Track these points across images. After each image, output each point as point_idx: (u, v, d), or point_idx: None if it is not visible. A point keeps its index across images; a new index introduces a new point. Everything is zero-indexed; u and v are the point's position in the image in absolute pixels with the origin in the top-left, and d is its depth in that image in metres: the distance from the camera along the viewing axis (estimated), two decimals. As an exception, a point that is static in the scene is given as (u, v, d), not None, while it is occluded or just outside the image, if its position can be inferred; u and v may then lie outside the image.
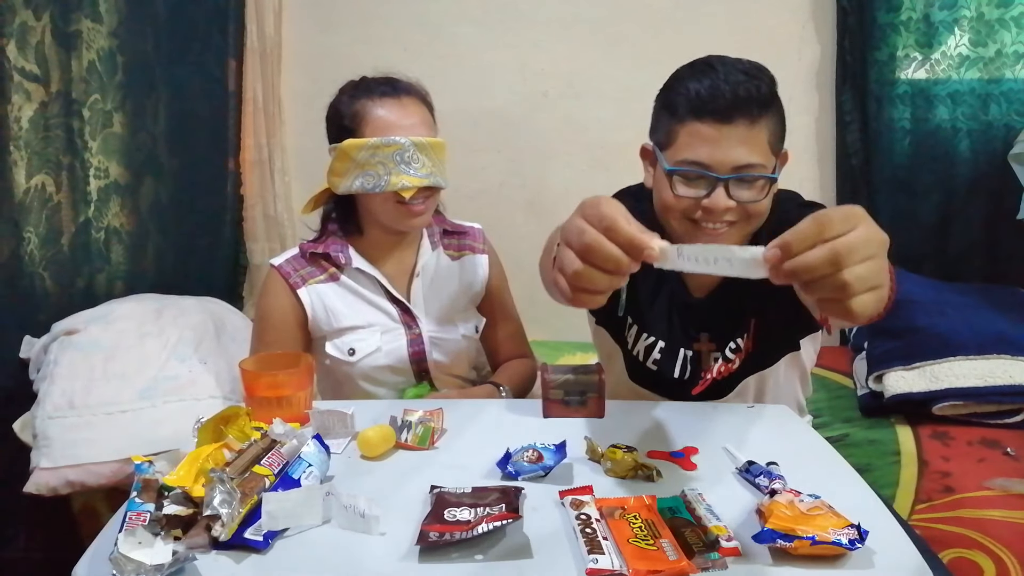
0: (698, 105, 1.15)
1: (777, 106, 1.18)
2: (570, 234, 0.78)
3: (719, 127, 1.14)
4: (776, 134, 1.18)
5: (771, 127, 1.16)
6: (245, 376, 1.23)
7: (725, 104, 1.13)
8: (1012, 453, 1.62)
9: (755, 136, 1.14)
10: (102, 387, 1.59)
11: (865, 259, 0.68)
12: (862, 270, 0.68)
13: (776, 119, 1.18)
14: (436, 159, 1.45)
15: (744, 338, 1.32)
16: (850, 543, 0.82)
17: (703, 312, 1.34)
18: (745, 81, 1.13)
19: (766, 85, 1.15)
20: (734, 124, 1.13)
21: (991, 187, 2.27)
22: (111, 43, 1.96)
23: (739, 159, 1.14)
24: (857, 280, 0.67)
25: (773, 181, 1.18)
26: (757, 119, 1.14)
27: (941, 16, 2.22)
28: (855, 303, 0.69)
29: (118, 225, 2.02)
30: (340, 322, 1.49)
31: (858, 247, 0.68)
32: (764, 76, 1.16)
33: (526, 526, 0.90)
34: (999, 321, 1.91)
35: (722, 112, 1.13)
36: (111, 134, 1.98)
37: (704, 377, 1.35)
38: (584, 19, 2.38)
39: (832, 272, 0.67)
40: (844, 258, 0.67)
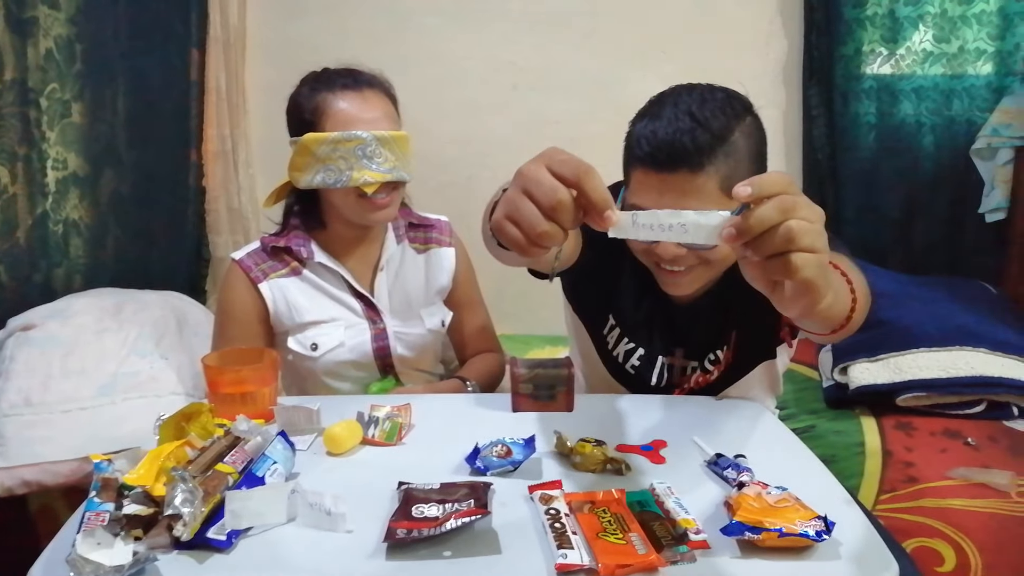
0: (640, 153, 1.12)
1: (735, 145, 1.10)
2: (537, 186, 0.75)
3: (661, 176, 1.10)
4: (732, 176, 1.08)
5: (723, 171, 1.09)
6: (208, 372, 1.20)
7: (664, 155, 1.09)
8: (973, 443, 1.65)
9: (700, 185, 1.09)
10: (60, 384, 1.55)
11: (808, 219, 0.71)
12: (808, 225, 0.71)
13: (732, 160, 1.10)
14: (399, 153, 1.43)
15: (724, 350, 1.32)
16: (817, 535, 0.83)
17: (684, 322, 1.33)
18: (689, 128, 1.07)
19: (716, 126, 1.08)
20: (676, 174, 1.09)
21: (954, 181, 2.31)
22: (69, 31, 1.91)
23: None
24: (801, 231, 0.70)
25: None
26: (700, 168, 1.08)
27: (906, 12, 2.25)
28: (798, 259, 0.70)
29: (77, 218, 1.97)
30: (302, 317, 1.47)
31: (802, 204, 0.72)
32: (717, 114, 1.09)
33: (495, 522, 0.89)
34: (961, 314, 1.94)
35: (662, 163, 1.09)
36: (69, 124, 1.93)
37: (682, 386, 1.35)
38: (554, 12, 2.38)
39: (781, 221, 0.70)
40: (792, 209, 0.71)
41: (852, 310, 0.93)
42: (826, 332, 0.97)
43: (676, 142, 1.07)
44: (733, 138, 1.10)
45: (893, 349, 1.85)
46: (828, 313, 0.86)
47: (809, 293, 0.75)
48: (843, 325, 0.94)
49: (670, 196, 1.09)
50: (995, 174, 2.20)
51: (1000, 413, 1.76)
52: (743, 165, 1.11)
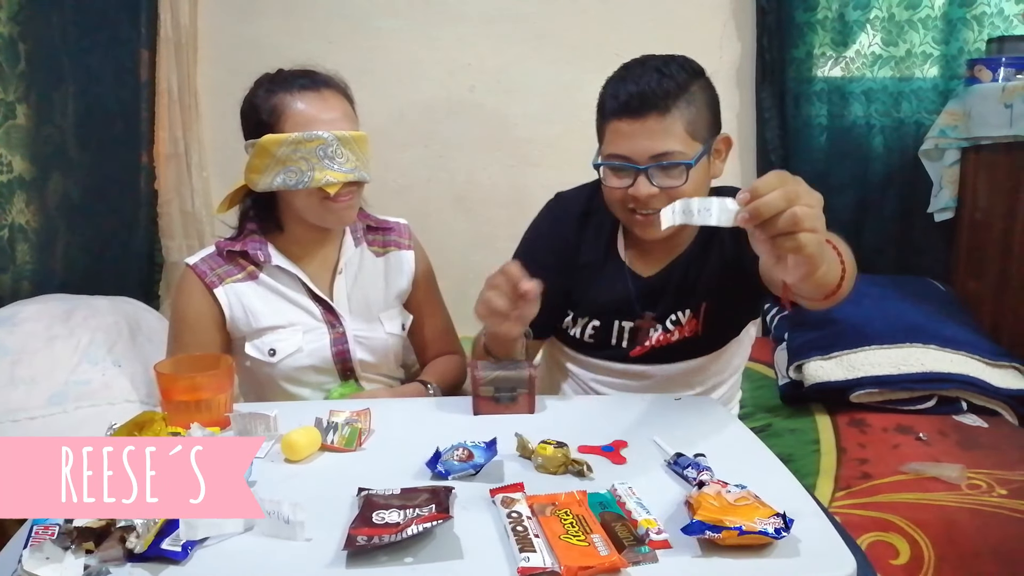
0: (615, 106, 1.29)
1: (695, 95, 1.28)
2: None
3: (633, 122, 1.27)
4: (695, 121, 1.28)
5: (687, 116, 1.27)
6: (161, 379, 1.18)
7: (636, 102, 1.26)
8: (924, 438, 1.68)
9: (668, 126, 1.26)
10: (9, 393, 1.51)
11: (810, 204, 0.89)
12: (809, 210, 0.88)
13: (694, 107, 1.28)
14: (360, 153, 1.42)
15: (687, 313, 1.40)
16: (776, 532, 0.84)
17: (652, 290, 1.42)
18: (656, 78, 1.26)
19: (678, 78, 1.26)
20: (646, 118, 1.26)
21: (904, 182, 2.36)
22: (11, 29, 1.86)
23: (654, 148, 1.26)
24: (805, 216, 0.87)
25: (690, 166, 1.27)
26: (668, 110, 1.25)
27: (855, 16, 2.29)
28: (803, 237, 0.87)
29: (23, 222, 1.92)
30: (260, 322, 1.44)
31: (804, 193, 0.89)
32: (678, 70, 1.27)
33: (457, 526, 0.89)
34: (912, 311, 1.98)
35: (634, 109, 1.26)
36: (14, 126, 1.88)
37: (643, 344, 1.43)
38: (511, 14, 2.38)
39: (786, 207, 0.87)
40: (796, 198, 0.88)
41: (842, 278, 1.09)
42: (819, 298, 1.10)
43: (646, 91, 1.25)
44: (693, 89, 1.28)
45: (846, 347, 1.89)
46: (823, 280, 1.04)
47: (809, 264, 0.93)
48: (834, 291, 1.09)
49: (642, 139, 1.26)
50: (943, 175, 2.25)
51: (950, 408, 1.81)
52: (702, 114, 1.29)
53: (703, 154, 1.30)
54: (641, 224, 1.34)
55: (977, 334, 1.95)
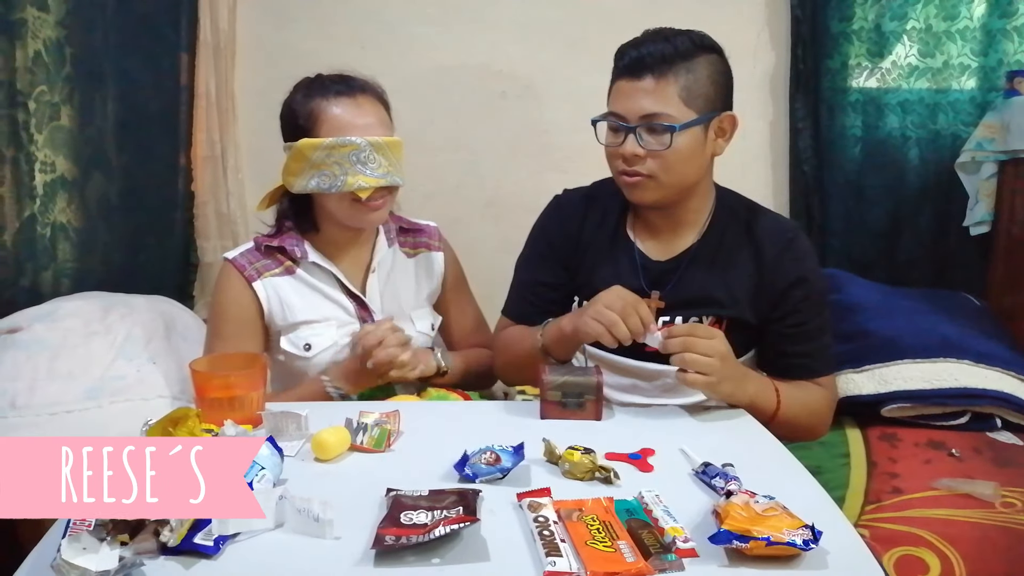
0: (619, 68, 1.36)
1: (698, 65, 1.32)
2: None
3: (631, 82, 1.33)
4: (691, 89, 1.32)
5: (684, 82, 1.31)
6: (196, 377, 1.20)
7: (636, 64, 1.32)
8: (957, 454, 1.66)
9: (662, 89, 1.31)
10: (47, 387, 1.54)
11: (705, 353, 1.21)
12: (697, 358, 1.21)
13: (693, 76, 1.32)
14: (393, 158, 1.44)
15: (708, 319, 1.41)
16: (804, 543, 0.83)
17: (662, 273, 1.44)
18: (659, 44, 1.32)
19: (682, 47, 1.31)
20: (642, 79, 1.32)
21: (939, 194, 2.33)
22: (58, 33, 1.90)
23: (644, 109, 1.32)
24: (692, 361, 1.21)
25: (674, 130, 1.31)
26: (664, 74, 1.30)
27: (891, 26, 2.27)
28: (687, 376, 1.22)
29: (65, 221, 1.96)
30: (295, 316, 1.47)
31: (699, 344, 1.22)
32: (685, 41, 1.32)
33: (483, 529, 0.89)
34: (945, 325, 1.95)
35: (633, 69, 1.32)
36: (58, 127, 1.92)
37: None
38: (543, 21, 2.38)
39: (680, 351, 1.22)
40: (691, 346, 1.22)
41: (772, 418, 1.33)
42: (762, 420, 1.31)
43: (646, 54, 1.31)
44: (696, 59, 1.32)
45: (878, 360, 1.86)
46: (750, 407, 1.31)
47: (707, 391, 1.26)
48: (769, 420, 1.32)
49: (636, 99, 1.32)
50: (979, 188, 2.22)
51: (984, 424, 1.78)
52: (702, 84, 1.33)
53: (695, 123, 1.33)
54: (627, 185, 1.38)
55: (1013, 350, 1.92)
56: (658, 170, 1.34)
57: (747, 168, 2.35)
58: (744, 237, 1.43)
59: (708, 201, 1.46)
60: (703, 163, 1.39)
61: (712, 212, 1.46)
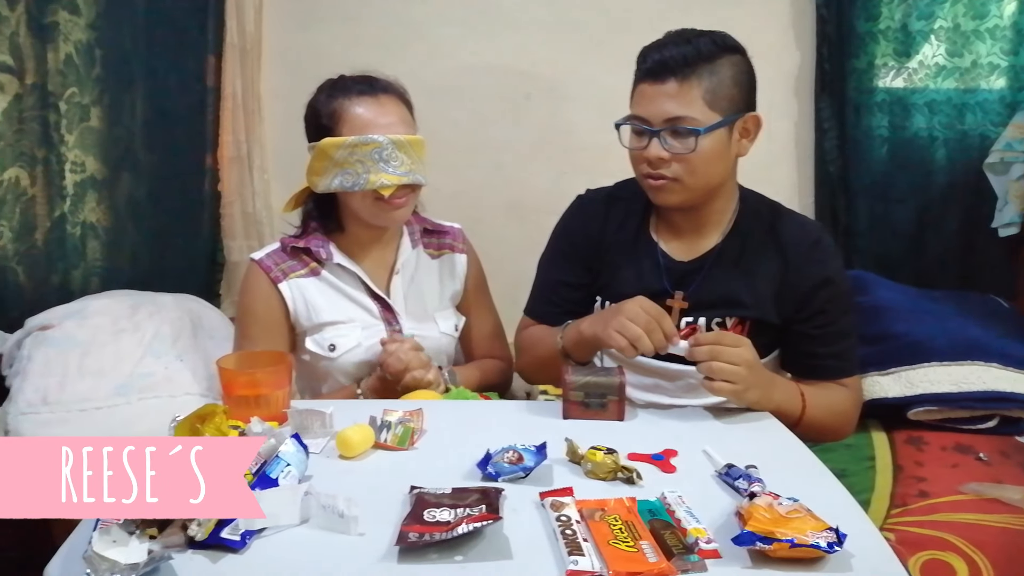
0: (642, 70, 1.36)
1: (721, 67, 1.32)
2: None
3: (654, 86, 1.33)
4: (715, 91, 1.31)
5: (707, 85, 1.31)
6: (223, 374, 1.22)
7: (659, 67, 1.32)
8: (985, 459, 1.64)
9: (686, 92, 1.30)
10: (76, 383, 1.57)
11: (731, 362, 1.21)
12: (724, 366, 1.21)
13: (716, 78, 1.31)
14: (415, 156, 1.45)
15: (732, 320, 1.41)
16: (828, 546, 0.83)
17: (685, 274, 1.43)
18: (681, 46, 1.31)
19: (705, 49, 1.31)
20: (666, 83, 1.31)
21: (966, 195, 2.29)
22: (89, 36, 1.94)
23: (669, 112, 1.31)
24: (719, 369, 1.21)
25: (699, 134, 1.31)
26: (687, 77, 1.30)
27: (919, 26, 2.24)
28: (713, 384, 1.22)
29: (94, 220, 1.99)
30: (320, 317, 1.48)
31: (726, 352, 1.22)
32: (707, 43, 1.31)
33: (506, 527, 0.90)
34: (973, 328, 1.93)
35: (656, 73, 1.32)
36: (88, 128, 1.96)
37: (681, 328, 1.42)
38: (568, 22, 2.38)
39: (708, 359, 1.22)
40: (717, 354, 1.21)
41: (797, 422, 1.33)
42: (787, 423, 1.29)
43: (668, 57, 1.31)
44: (719, 61, 1.32)
45: (904, 363, 1.84)
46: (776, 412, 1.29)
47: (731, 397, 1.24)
48: (795, 424, 1.32)
49: (660, 102, 1.32)
50: (1008, 189, 2.19)
51: (1013, 428, 1.75)
52: (726, 86, 1.32)
53: (720, 126, 1.32)
54: (653, 189, 1.38)
55: (1042, 353, 1.89)
56: (683, 173, 1.34)
57: (772, 169, 2.34)
58: (768, 238, 1.43)
59: (732, 202, 1.46)
60: (728, 164, 1.39)
61: (736, 213, 1.45)
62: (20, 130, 1.72)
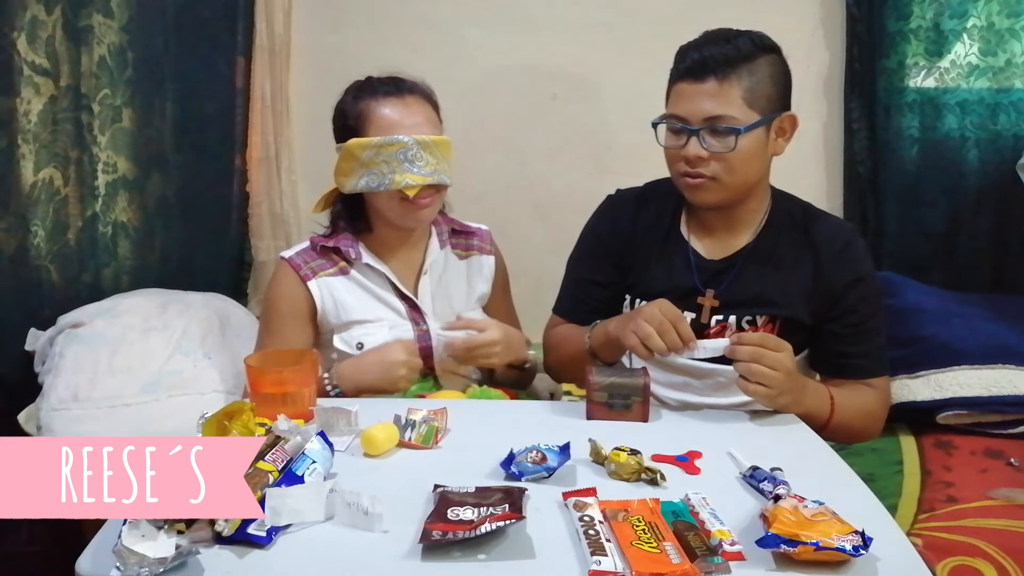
0: (680, 70, 1.36)
1: (759, 67, 1.32)
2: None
3: (693, 85, 1.33)
4: (754, 90, 1.32)
5: (746, 84, 1.31)
6: (250, 372, 1.23)
7: (698, 66, 1.32)
8: (1016, 464, 1.61)
9: (726, 92, 1.31)
10: (107, 380, 1.59)
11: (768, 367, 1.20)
12: (763, 370, 1.20)
13: (755, 78, 1.32)
14: (441, 157, 1.46)
15: (763, 319, 1.41)
16: (854, 549, 0.82)
17: (716, 273, 1.43)
18: (720, 45, 1.31)
19: (744, 49, 1.31)
20: (705, 82, 1.31)
21: (999, 197, 2.26)
22: (121, 39, 1.97)
23: (708, 111, 1.32)
24: (757, 372, 1.21)
25: (739, 132, 1.31)
26: (727, 76, 1.30)
27: (951, 25, 2.21)
28: (748, 385, 1.22)
29: (125, 220, 2.02)
30: (349, 315, 1.50)
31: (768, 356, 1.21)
32: (745, 42, 1.32)
33: (529, 527, 0.90)
34: (1005, 331, 1.90)
35: (695, 72, 1.32)
36: (120, 129, 1.99)
37: (707, 335, 1.41)
38: (593, 22, 2.38)
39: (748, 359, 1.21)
40: (759, 357, 1.21)
41: (825, 426, 1.32)
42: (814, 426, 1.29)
43: (707, 56, 1.31)
44: (758, 61, 1.32)
45: (934, 366, 1.82)
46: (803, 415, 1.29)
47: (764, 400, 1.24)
48: (822, 427, 1.31)
49: (699, 101, 1.32)
50: (1042, 190, 2.15)
51: (1044, 433, 1.72)
52: (764, 86, 1.33)
53: (758, 125, 1.33)
54: (689, 187, 1.38)
55: (1076, 358, 1.86)
56: (722, 172, 1.35)
57: (801, 170, 2.31)
58: (800, 237, 1.43)
59: (765, 201, 1.46)
60: (764, 163, 1.39)
61: (767, 212, 1.45)
62: (54, 131, 1.75)
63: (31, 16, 1.67)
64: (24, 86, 1.66)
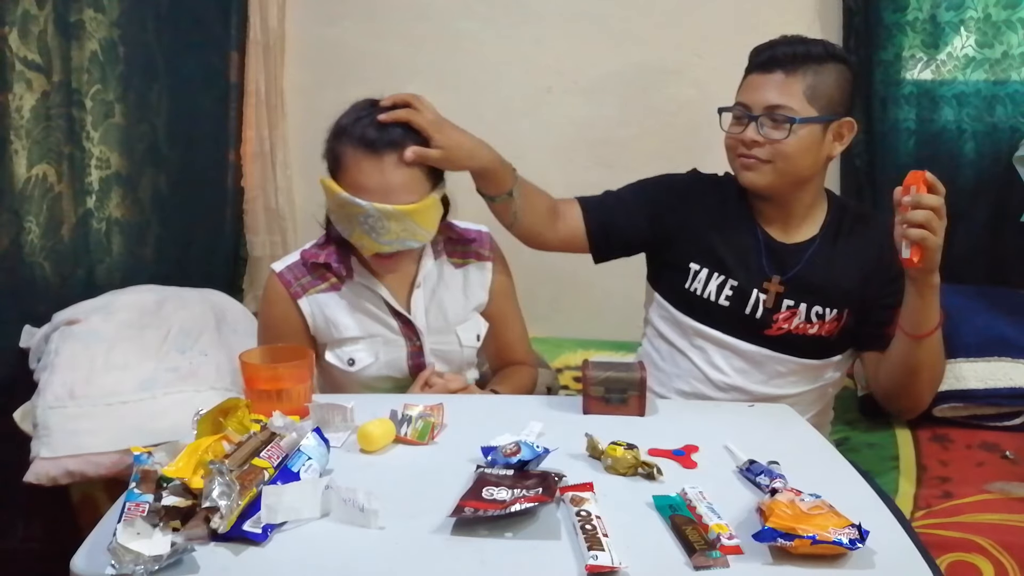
0: (753, 64, 1.45)
1: (827, 69, 1.40)
2: None
3: (762, 76, 1.42)
4: (817, 88, 1.39)
5: (810, 81, 1.39)
6: (245, 369, 1.22)
7: (770, 60, 1.41)
8: (1011, 456, 1.62)
9: (790, 84, 1.39)
10: (102, 377, 1.59)
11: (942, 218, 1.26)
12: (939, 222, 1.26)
13: (820, 77, 1.39)
14: (409, 224, 1.35)
15: (832, 312, 1.47)
16: (851, 543, 0.82)
17: (786, 255, 1.49)
18: (794, 44, 1.41)
19: (814, 51, 1.40)
20: (773, 73, 1.40)
21: (995, 189, 2.26)
22: (113, 33, 1.95)
23: (770, 100, 1.39)
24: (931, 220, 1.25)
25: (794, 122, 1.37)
26: (794, 70, 1.39)
27: (948, 17, 2.21)
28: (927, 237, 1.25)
29: (119, 216, 2.01)
30: (340, 332, 1.47)
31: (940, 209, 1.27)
32: (817, 46, 1.41)
33: (527, 523, 0.90)
34: (1000, 323, 1.90)
35: (765, 65, 1.42)
36: (113, 125, 1.97)
37: (775, 320, 1.47)
38: (589, 15, 2.37)
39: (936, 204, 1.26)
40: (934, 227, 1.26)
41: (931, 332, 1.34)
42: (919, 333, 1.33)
43: (780, 52, 1.41)
44: (827, 65, 1.40)
45: (930, 358, 1.82)
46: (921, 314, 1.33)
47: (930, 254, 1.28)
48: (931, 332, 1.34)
49: (763, 91, 1.40)
50: (1039, 182, 2.15)
51: (1040, 426, 1.73)
52: (828, 87, 1.40)
53: (815, 121, 1.39)
54: (742, 168, 1.45)
55: (1072, 350, 1.86)
56: (774, 156, 1.40)
57: (795, 162, 2.31)
58: (864, 229, 1.50)
59: (821, 200, 1.52)
60: (817, 161, 1.44)
61: (827, 212, 1.51)
62: (47, 127, 1.73)
63: (23, 11, 1.65)
64: (16, 82, 1.65)
